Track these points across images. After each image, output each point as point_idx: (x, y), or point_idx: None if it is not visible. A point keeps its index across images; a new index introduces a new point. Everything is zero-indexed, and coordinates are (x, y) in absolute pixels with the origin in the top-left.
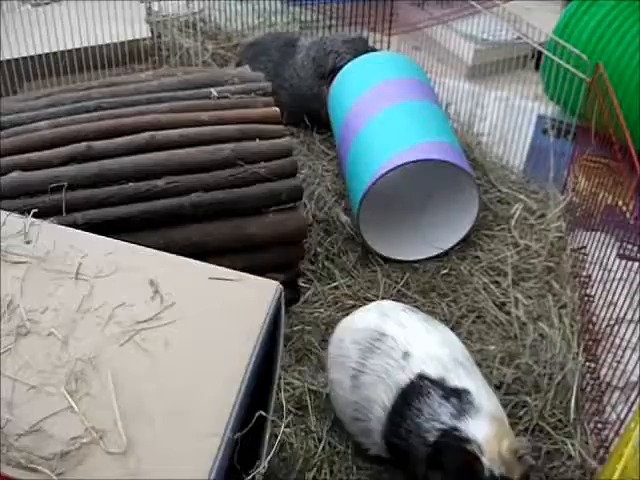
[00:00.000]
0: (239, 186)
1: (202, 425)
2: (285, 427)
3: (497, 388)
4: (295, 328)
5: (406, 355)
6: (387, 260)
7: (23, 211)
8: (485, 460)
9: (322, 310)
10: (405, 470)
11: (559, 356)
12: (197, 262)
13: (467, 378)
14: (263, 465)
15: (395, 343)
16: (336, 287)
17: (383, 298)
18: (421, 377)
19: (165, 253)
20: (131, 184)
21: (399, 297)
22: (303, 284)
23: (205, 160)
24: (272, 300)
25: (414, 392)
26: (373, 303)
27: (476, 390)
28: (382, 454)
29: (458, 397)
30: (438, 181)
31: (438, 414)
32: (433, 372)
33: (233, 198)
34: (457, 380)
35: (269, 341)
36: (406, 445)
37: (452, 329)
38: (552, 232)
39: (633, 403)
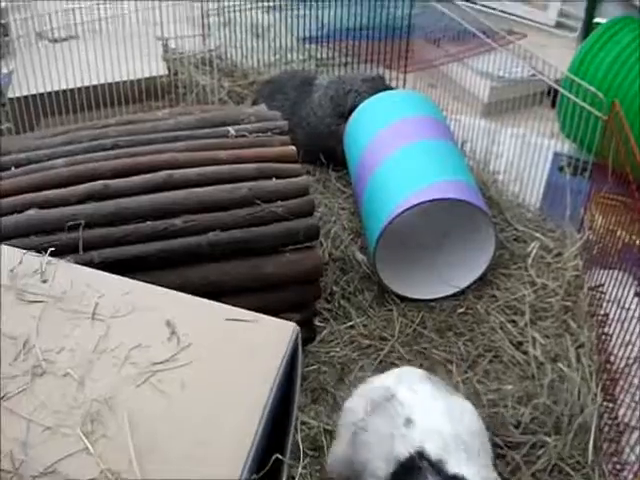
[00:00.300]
0: (256, 225)
1: (218, 469)
2: (302, 468)
3: (515, 427)
4: (311, 368)
5: (408, 422)
6: (403, 299)
7: (39, 249)
8: None
9: (338, 349)
10: None
11: (578, 397)
12: (213, 303)
13: (467, 462)
14: None
15: (402, 408)
16: (352, 326)
17: (399, 338)
18: (420, 455)
19: (182, 293)
20: (148, 223)
21: (415, 336)
22: (319, 323)
23: (223, 199)
24: (289, 341)
25: (412, 472)
26: (396, 369)
27: (472, 476)
28: None
29: None
30: (454, 220)
31: None
32: (433, 451)
33: (250, 237)
34: (456, 465)
35: (285, 382)
36: None
37: (469, 368)
38: (569, 271)
39: None
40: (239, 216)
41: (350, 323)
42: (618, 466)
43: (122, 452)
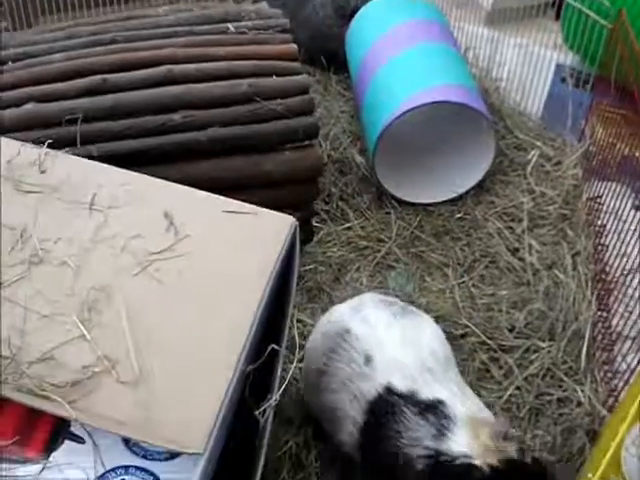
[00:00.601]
0: (256, 122)
1: (214, 357)
2: (298, 362)
3: (509, 331)
4: (308, 267)
5: (368, 360)
6: (401, 202)
7: (38, 143)
8: (479, 463)
9: (335, 250)
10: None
11: (573, 303)
12: (212, 195)
13: (437, 384)
14: (275, 398)
15: (358, 342)
16: (349, 228)
17: (396, 240)
18: (389, 390)
19: (180, 185)
20: (147, 117)
21: (412, 239)
22: (317, 224)
23: (222, 95)
24: (287, 234)
25: (386, 410)
26: (356, 297)
27: (449, 397)
28: (357, 459)
29: (434, 413)
30: (455, 124)
31: (420, 438)
32: (401, 384)
33: (249, 134)
34: (427, 390)
35: (283, 276)
36: (389, 469)
37: (465, 273)
38: (568, 180)
39: None
40: (238, 113)
41: (348, 224)
42: (610, 374)
43: (119, 339)
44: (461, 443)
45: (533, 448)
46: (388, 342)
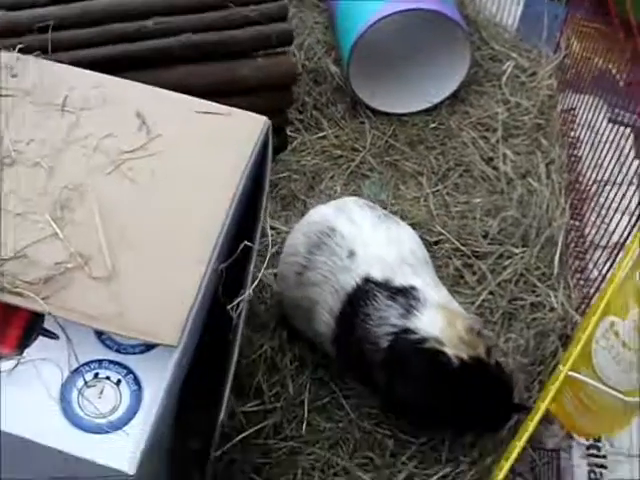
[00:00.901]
0: (228, 28)
1: (187, 253)
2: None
3: (483, 238)
4: (282, 175)
5: (351, 254)
6: (376, 112)
7: (8, 50)
8: (447, 349)
9: (309, 158)
10: (356, 377)
11: (547, 210)
12: (185, 96)
13: (413, 275)
14: (247, 293)
15: (342, 240)
16: (324, 137)
17: (371, 150)
18: (367, 281)
19: (153, 87)
20: (119, 24)
21: (387, 148)
22: (291, 133)
23: (194, 1)
24: (260, 134)
25: (361, 297)
26: (338, 199)
27: (422, 285)
28: (332, 355)
29: (404, 295)
30: (430, 34)
31: (386, 317)
32: (379, 274)
33: (222, 40)
34: (402, 279)
35: (256, 178)
36: (358, 353)
37: (439, 181)
38: (543, 90)
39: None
40: (212, 19)
41: (322, 134)
42: (582, 282)
43: (92, 237)
44: (432, 325)
45: (506, 351)
46: (372, 240)
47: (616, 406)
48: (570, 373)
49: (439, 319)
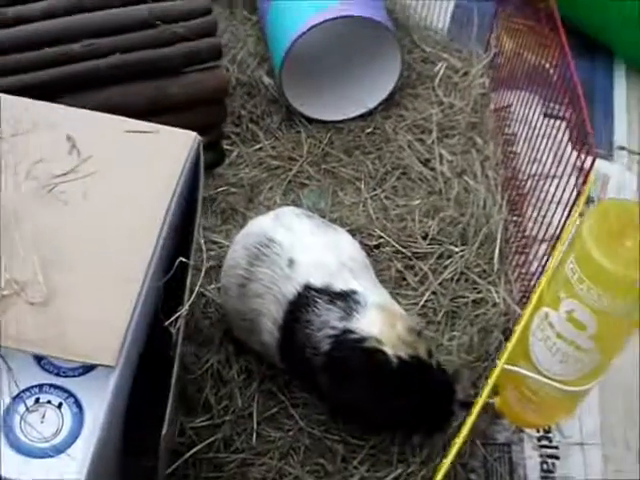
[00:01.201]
0: (158, 46)
1: (122, 272)
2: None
3: (423, 239)
4: (220, 189)
5: (291, 262)
6: (311, 121)
7: None
8: (387, 349)
9: (247, 171)
10: (303, 384)
11: (484, 207)
12: (114, 116)
13: (353, 280)
14: (185, 308)
15: (281, 249)
16: (260, 148)
17: (308, 158)
18: (307, 288)
19: (82, 109)
20: (47, 49)
21: (324, 156)
22: (228, 147)
23: (122, 22)
24: (190, 149)
25: (302, 304)
26: (276, 210)
27: (362, 289)
28: (278, 365)
29: (344, 299)
30: (361, 40)
31: (327, 320)
32: (318, 281)
33: (152, 58)
34: (342, 283)
35: (191, 192)
36: (302, 360)
37: (377, 185)
38: (475, 89)
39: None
40: (140, 38)
41: (258, 145)
42: (524, 276)
43: (27, 262)
44: (372, 325)
45: (451, 349)
46: (311, 247)
47: (557, 396)
48: (507, 367)
49: (379, 320)
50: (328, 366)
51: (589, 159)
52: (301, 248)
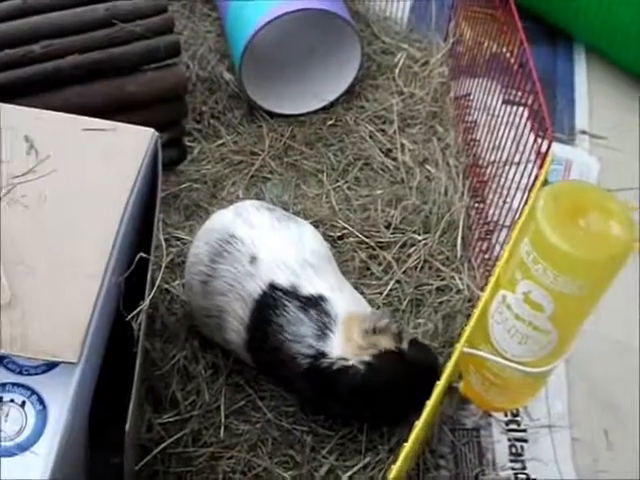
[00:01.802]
0: (116, 45)
1: (82, 269)
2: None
3: (386, 228)
4: (183, 186)
5: (253, 259)
6: (273, 115)
7: None
8: (352, 361)
9: (209, 167)
10: (275, 380)
11: (446, 195)
12: (71, 115)
13: (318, 278)
14: (146, 303)
15: (243, 246)
16: (223, 144)
17: (270, 152)
18: (273, 287)
19: (39, 110)
20: (6, 51)
21: (286, 149)
22: (189, 143)
23: (80, 21)
24: (148, 145)
25: (269, 305)
26: (237, 203)
27: (329, 291)
28: (247, 362)
29: (315, 307)
30: (320, 34)
31: (302, 335)
32: (283, 280)
33: (110, 58)
34: (309, 285)
35: (150, 190)
36: (275, 361)
37: (339, 177)
38: (435, 78)
39: None
40: (97, 37)
41: (220, 141)
42: (487, 262)
43: None
44: (338, 346)
45: (416, 336)
46: (272, 243)
47: (518, 378)
48: (466, 350)
49: (341, 338)
50: (307, 382)
51: (546, 142)
52: (262, 244)
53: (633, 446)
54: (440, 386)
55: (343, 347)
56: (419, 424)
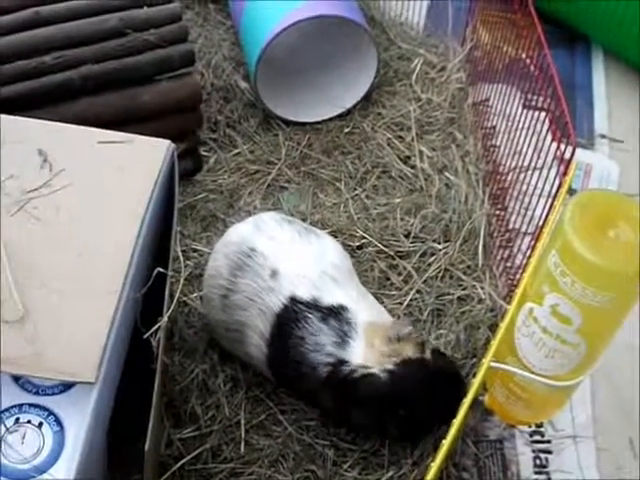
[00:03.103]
0: (129, 55)
1: (98, 285)
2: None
3: (405, 237)
4: (199, 196)
5: (274, 273)
6: (289, 123)
7: None
8: (374, 370)
9: (226, 177)
10: (297, 394)
11: (466, 203)
12: (86, 128)
13: (339, 290)
14: (164, 319)
15: (264, 260)
16: (239, 153)
17: (286, 161)
18: (294, 300)
19: (52, 122)
20: (17, 62)
21: (302, 158)
22: (205, 153)
23: (93, 32)
24: (164, 157)
25: (290, 318)
26: (255, 216)
27: (349, 302)
28: (268, 377)
29: (336, 318)
30: (335, 40)
31: (322, 344)
32: (304, 293)
33: (124, 68)
34: (330, 297)
35: (167, 202)
36: (297, 375)
37: (357, 185)
38: (453, 84)
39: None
40: (111, 47)
41: (236, 150)
42: (509, 270)
43: (1, 281)
44: (359, 353)
45: (438, 347)
46: (293, 257)
47: (545, 392)
48: (493, 364)
49: (363, 346)
50: (328, 392)
51: (569, 149)
52: (283, 258)
53: None
54: (467, 401)
55: (365, 355)
56: (447, 442)
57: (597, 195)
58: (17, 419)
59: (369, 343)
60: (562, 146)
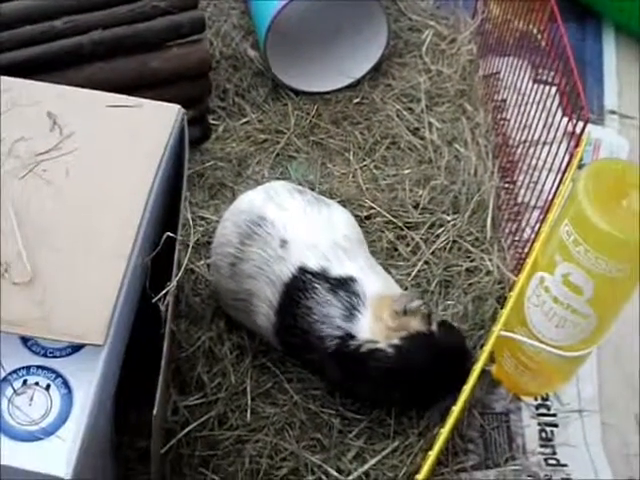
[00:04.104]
0: (139, 21)
1: (107, 249)
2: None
3: (414, 208)
4: (207, 164)
5: (284, 243)
6: (298, 93)
7: None
8: (380, 344)
9: (234, 145)
10: (303, 363)
11: (475, 175)
12: (95, 92)
13: (349, 261)
14: (173, 284)
15: (273, 229)
16: (247, 122)
17: (295, 131)
18: (303, 270)
19: (62, 86)
20: (26, 27)
21: (312, 128)
22: (214, 121)
23: None
24: (174, 121)
25: (299, 288)
26: (266, 184)
27: (359, 272)
28: (275, 346)
29: (344, 288)
30: (346, 10)
31: (330, 316)
32: (314, 263)
33: (134, 33)
34: (339, 267)
35: (176, 168)
36: (304, 344)
37: (366, 156)
38: (463, 56)
39: None
40: (120, 13)
41: (245, 119)
42: (517, 243)
43: (9, 242)
44: (366, 327)
45: (445, 319)
46: (303, 227)
47: (554, 362)
48: (503, 333)
49: (370, 319)
50: (335, 364)
51: (580, 123)
52: (294, 228)
53: None
54: (476, 371)
55: (372, 329)
56: (456, 410)
57: (609, 164)
58: (25, 381)
59: (377, 316)
60: (574, 120)
